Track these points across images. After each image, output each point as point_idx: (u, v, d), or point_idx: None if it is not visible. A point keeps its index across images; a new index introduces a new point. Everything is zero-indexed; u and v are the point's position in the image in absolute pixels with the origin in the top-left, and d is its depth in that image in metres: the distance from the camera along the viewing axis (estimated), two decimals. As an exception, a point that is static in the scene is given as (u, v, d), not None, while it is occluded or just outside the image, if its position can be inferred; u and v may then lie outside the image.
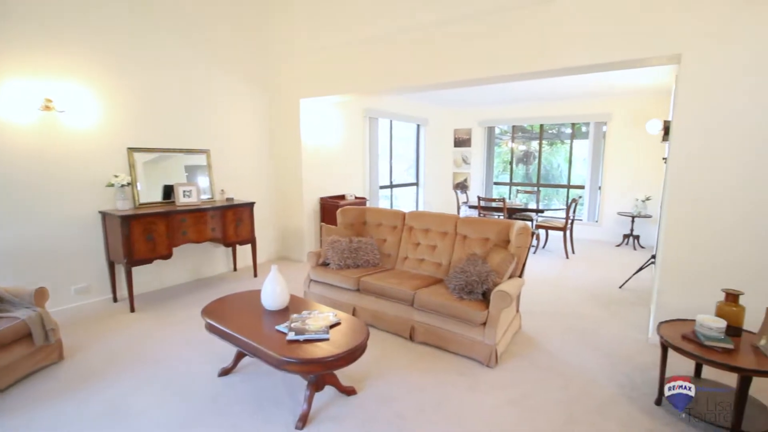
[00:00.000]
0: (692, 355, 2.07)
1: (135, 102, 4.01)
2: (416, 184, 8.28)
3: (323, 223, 4.31)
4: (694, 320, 2.28)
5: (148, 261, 3.73)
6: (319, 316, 2.35)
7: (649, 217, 6.38)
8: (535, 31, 3.36)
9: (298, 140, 5.27)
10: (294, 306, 2.63)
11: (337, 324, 2.32)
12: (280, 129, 5.43)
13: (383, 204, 7.41)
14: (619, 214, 6.73)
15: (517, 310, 3.32)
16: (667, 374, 2.36)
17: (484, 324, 2.74)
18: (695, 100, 2.81)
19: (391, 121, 7.36)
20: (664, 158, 4.49)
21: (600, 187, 7.19)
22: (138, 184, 3.98)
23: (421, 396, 2.42)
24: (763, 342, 2.07)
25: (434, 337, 2.99)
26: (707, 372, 2.52)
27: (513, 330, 3.18)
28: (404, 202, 8.31)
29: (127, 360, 2.83)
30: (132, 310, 3.70)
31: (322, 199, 5.58)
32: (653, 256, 4.30)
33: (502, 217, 6.24)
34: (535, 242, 6.38)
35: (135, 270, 3.76)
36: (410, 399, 2.38)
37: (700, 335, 2.16)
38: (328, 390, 2.39)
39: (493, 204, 6.51)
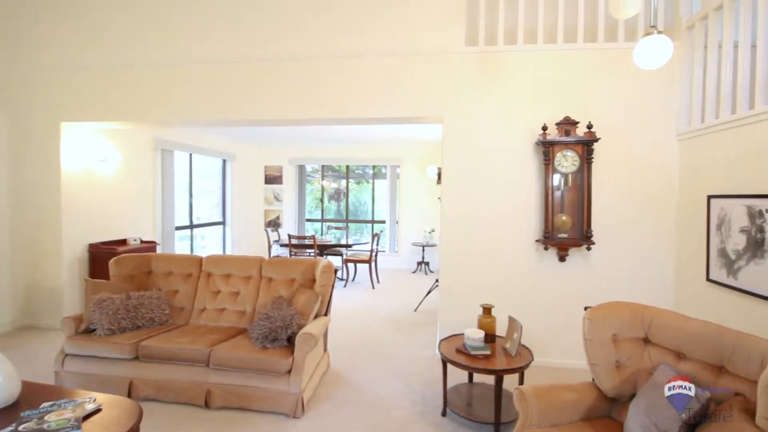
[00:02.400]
0: (463, 365, 2.44)
1: None
2: (223, 223, 7.68)
3: (87, 279, 3.44)
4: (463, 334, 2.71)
5: None
6: (67, 407, 1.79)
7: (435, 245, 7.55)
8: (337, 83, 3.62)
9: (57, 172, 4.17)
10: (30, 397, 1.93)
11: (97, 411, 1.81)
12: (31, 158, 4.21)
13: (182, 247, 6.55)
14: (413, 244, 7.75)
15: (325, 349, 3.32)
16: (449, 385, 2.72)
17: (290, 372, 2.62)
18: (455, 150, 3.49)
19: (191, 155, 6.69)
20: (439, 198, 5.40)
21: (397, 222, 8.17)
22: None
23: (217, 472, 2.09)
24: (508, 344, 2.60)
25: (235, 397, 2.68)
26: (479, 376, 3.01)
27: (321, 370, 3.14)
28: (210, 242, 7.56)
29: None
30: None
31: (92, 245, 4.49)
32: (437, 280, 5.04)
33: (313, 254, 6.32)
34: (345, 276, 6.68)
35: None
36: (203, 480, 2.03)
37: (468, 347, 2.56)
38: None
39: (305, 241, 6.56)
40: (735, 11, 2.65)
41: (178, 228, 6.25)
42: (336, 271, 3.19)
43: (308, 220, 9.01)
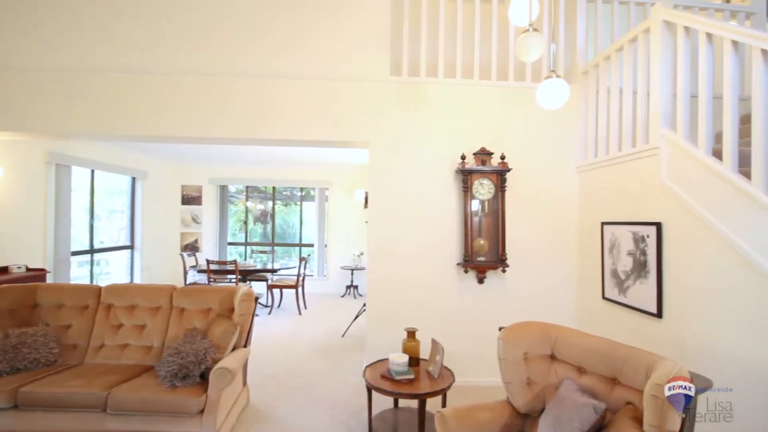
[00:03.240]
0: (387, 391, 2.42)
1: None
2: (131, 247, 6.97)
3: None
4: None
5: None
6: None
7: (364, 269, 7.55)
8: (264, 102, 3.52)
9: None
10: None
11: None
12: None
13: (81, 275, 5.80)
14: (342, 268, 7.67)
15: (244, 384, 3.10)
16: (375, 412, 2.67)
17: (203, 411, 2.39)
18: (381, 175, 3.55)
19: (93, 171, 6.03)
20: (366, 221, 5.45)
21: (326, 245, 8.05)
22: None
23: None
24: (431, 367, 2.64)
25: (136, 445, 2.38)
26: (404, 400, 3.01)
27: (240, 407, 2.92)
28: (116, 269, 6.79)
29: None
30: None
31: (-40, 276, 3.81)
32: (365, 304, 5.01)
33: (235, 280, 5.96)
34: (270, 302, 6.38)
35: None
36: None
37: (392, 372, 2.55)
38: None
39: (226, 266, 6.17)
40: (620, 62, 3.09)
41: (76, 253, 5.55)
42: (257, 299, 3.03)
43: (231, 244, 8.53)
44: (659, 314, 2.54)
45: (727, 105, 2.21)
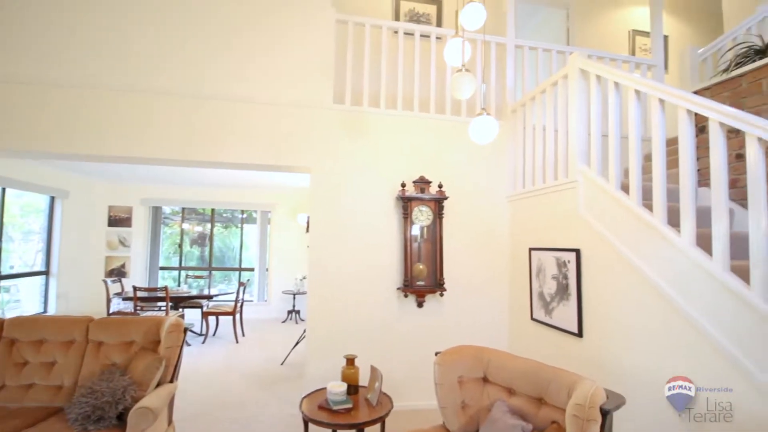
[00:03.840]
0: (324, 423, 2.36)
1: None
2: (47, 272, 6.29)
3: None
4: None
5: None
6: None
7: (306, 293, 7.37)
8: (204, 123, 3.41)
9: None
10: None
11: None
12: None
13: (-21, 305, 5.11)
14: (284, 292, 7.45)
15: (170, 422, 2.86)
16: (312, 446, 2.58)
17: (118, 457, 2.18)
18: (322, 200, 3.56)
19: (3, 190, 5.44)
20: (308, 246, 5.39)
21: (267, 269, 7.80)
22: None
23: None
24: (370, 395, 2.62)
25: (34, 502, 2.10)
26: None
27: (163, 449, 2.69)
28: (27, 297, 6.07)
29: None
30: None
31: None
32: (305, 330, 4.89)
33: (165, 309, 5.55)
34: (204, 331, 6.01)
35: None
36: None
37: (330, 402, 2.50)
38: None
39: (156, 293, 5.75)
40: (543, 103, 3.40)
41: (-26, 280, 4.90)
42: (186, 329, 2.85)
43: (163, 269, 7.98)
44: (580, 334, 2.75)
45: (632, 145, 2.51)
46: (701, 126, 2.76)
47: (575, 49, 3.96)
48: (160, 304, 5.74)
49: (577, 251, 2.80)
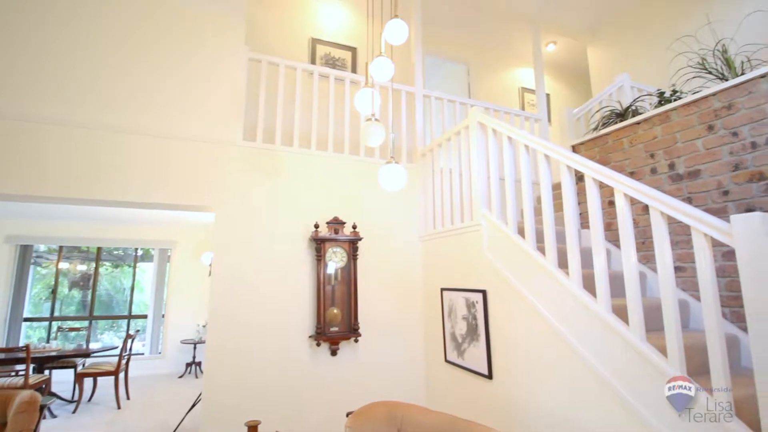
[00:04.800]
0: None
1: None
2: None
3: None
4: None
5: None
6: None
7: (211, 341, 6.69)
8: (92, 157, 2.98)
9: None
10: None
11: None
12: None
13: None
14: (183, 342, 6.66)
15: None
16: None
17: None
18: (227, 241, 3.28)
19: None
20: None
21: (164, 315, 6.95)
22: None
23: None
24: (276, 463, 2.36)
25: None
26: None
27: None
28: None
29: None
30: None
31: None
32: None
33: (25, 373, 4.57)
34: (77, 397, 5.05)
35: None
36: None
37: (229, 478, 2.19)
38: None
39: (15, 354, 4.72)
40: (449, 149, 3.61)
41: None
42: (43, 408, 2.33)
43: (28, 320, 6.67)
44: (490, 375, 2.81)
45: (524, 189, 2.74)
46: (580, 175, 3.14)
47: (476, 102, 4.34)
48: (18, 366, 4.73)
49: (484, 292, 2.92)
